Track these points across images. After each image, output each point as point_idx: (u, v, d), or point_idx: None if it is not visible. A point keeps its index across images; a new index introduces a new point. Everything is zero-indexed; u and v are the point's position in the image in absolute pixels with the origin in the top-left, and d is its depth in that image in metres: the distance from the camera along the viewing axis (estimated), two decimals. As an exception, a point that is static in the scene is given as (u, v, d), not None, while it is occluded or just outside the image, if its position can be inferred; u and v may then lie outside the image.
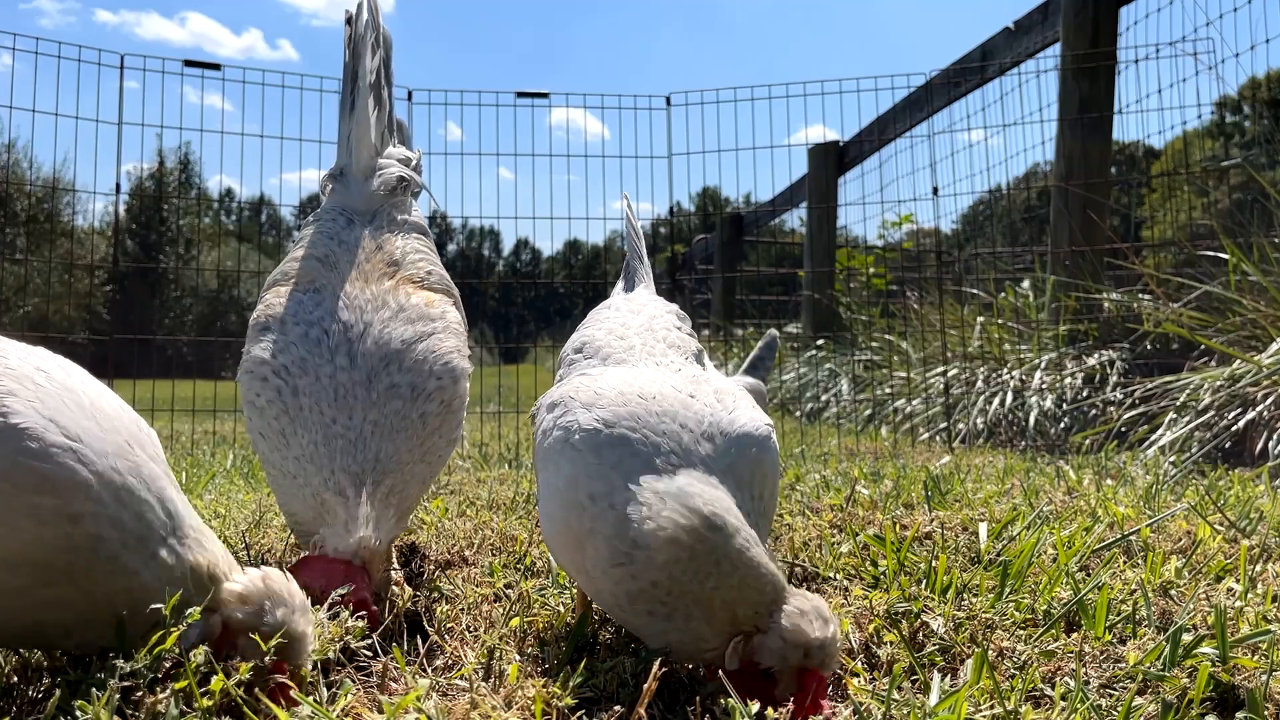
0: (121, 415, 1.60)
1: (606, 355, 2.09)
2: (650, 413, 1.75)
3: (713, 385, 1.89)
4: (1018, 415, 6.42)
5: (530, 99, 7.87)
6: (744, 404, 1.86)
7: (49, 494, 1.40)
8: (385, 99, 2.70)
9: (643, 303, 2.35)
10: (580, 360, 2.14)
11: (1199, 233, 6.90)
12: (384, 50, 2.73)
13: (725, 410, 1.80)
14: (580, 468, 1.71)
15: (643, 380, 1.86)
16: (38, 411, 1.44)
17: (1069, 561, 2.34)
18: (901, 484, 3.89)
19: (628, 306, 2.33)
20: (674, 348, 2.13)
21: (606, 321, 2.26)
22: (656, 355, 2.08)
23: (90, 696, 1.35)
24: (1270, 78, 9.82)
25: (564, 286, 30.29)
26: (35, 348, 1.62)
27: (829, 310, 10.01)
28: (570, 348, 2.23)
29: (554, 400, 1.90)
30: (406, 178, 2.67)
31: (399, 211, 2.62)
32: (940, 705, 1.50)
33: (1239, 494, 3.48)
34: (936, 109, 8.33)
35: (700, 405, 1.79)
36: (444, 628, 2.04)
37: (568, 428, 1.78)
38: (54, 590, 1.43)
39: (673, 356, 2.09)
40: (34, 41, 6.66)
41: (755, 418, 1.83)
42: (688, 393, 1.82)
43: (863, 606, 2.04)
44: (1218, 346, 5.13)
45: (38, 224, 24.18)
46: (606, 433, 1.72)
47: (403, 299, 2.37)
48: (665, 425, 1.73)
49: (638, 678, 1.68)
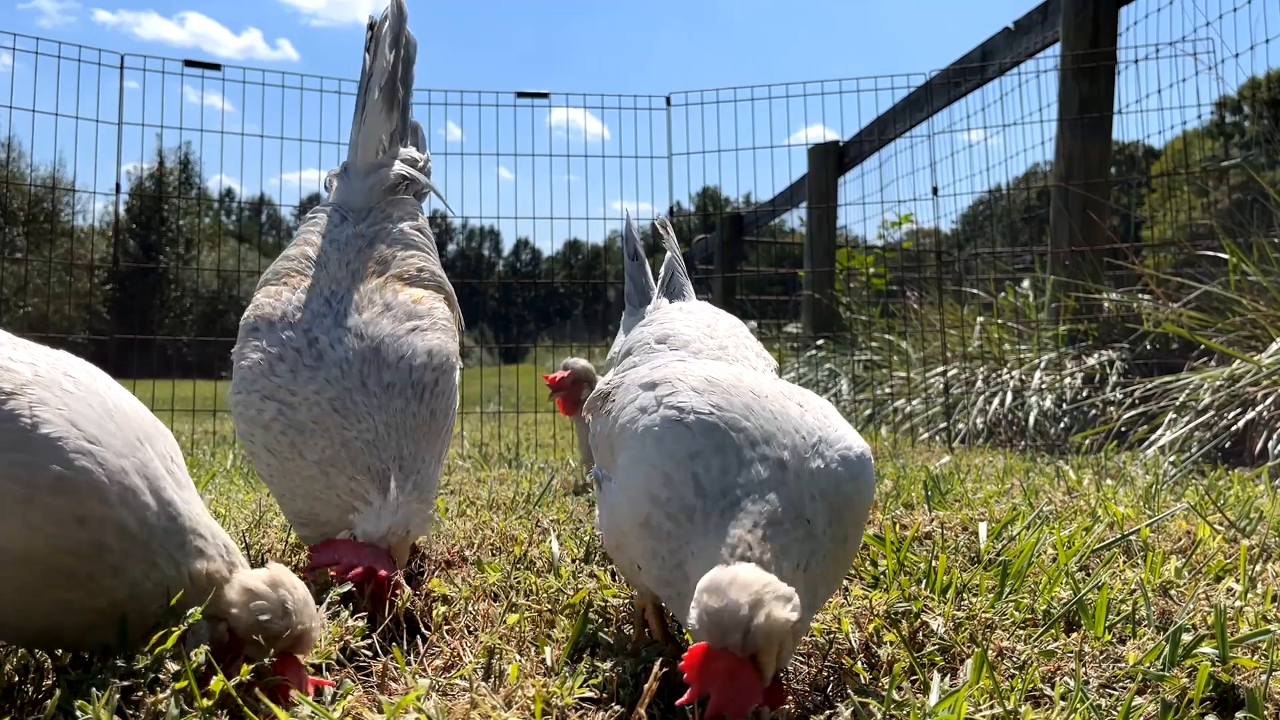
0: (142, 420, 1.63)
1: (699, 350, 1.99)
2: (765, 410, 1.67)
3: (815, 399, 1.80)
4: (1017, 415, 6.41)
5: (530, 99, 7.88)
6: (846, 425, 1.76)
7: (68, 495, 1.42)
8: (400, 100, 2.68)
9: (716, 311, 2.25)
10: (665, 350, 2.03)
11: (1199, 233, 6.90)
12: (405, 52, 2.70)
13: (833, 428, 1.71)
14: (688, 446, 1.63)
15: (752, 378, 1.78)
16: (66, 419, 1.46)
17: (1069, 561, 2.34)
18: (901, 484, 3.89)
19: (704, 310, 2.23)
20: (761, 358, 2.06)
21: (689, 317, 2.16)
22: (750, 360, 1.99)
23: (90, 696, 1.35)
24: (1270, 78, 9.83)
25: (564, 286, 30.28)
26: (58, 351, 1.64)
27: (829, 310, 10.01)
28: (650, 338, 2.10)
29: (652, 380, 1.79)
30: (408, 175, 2.67)
31: (396, 209, 2.61)
32: (940, 705, 1.50)
33: (1239, 494, 3.48)
34: (936, 109, 8.33)
35: (812, 419, 1.70)
36: (444, 628, 2.04)
37: (680, 407, 1.68)
38: (63, 593, 1.45)
39: (762, 365, 2.01)
40: (34, 41, 6.67)
41: (861, 442, 1.72)
42: (796, 401, 1.74)
43: (862, 606, 2.04)
44: (1218, 346, 5.13)
45: (38, 224, 24.16)
46: (729, 416, 1.64)
47: (389, 296, 2.38)
48: (778, 425, 1.65)
49: (638, 678, 1.68)
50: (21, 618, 1.47)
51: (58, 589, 1.44)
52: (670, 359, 1.94)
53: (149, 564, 1.48)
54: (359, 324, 2.30)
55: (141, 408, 1.66)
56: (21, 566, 1.41)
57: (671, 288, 2.46)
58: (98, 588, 1.46)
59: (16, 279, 11.57)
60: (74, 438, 1.45)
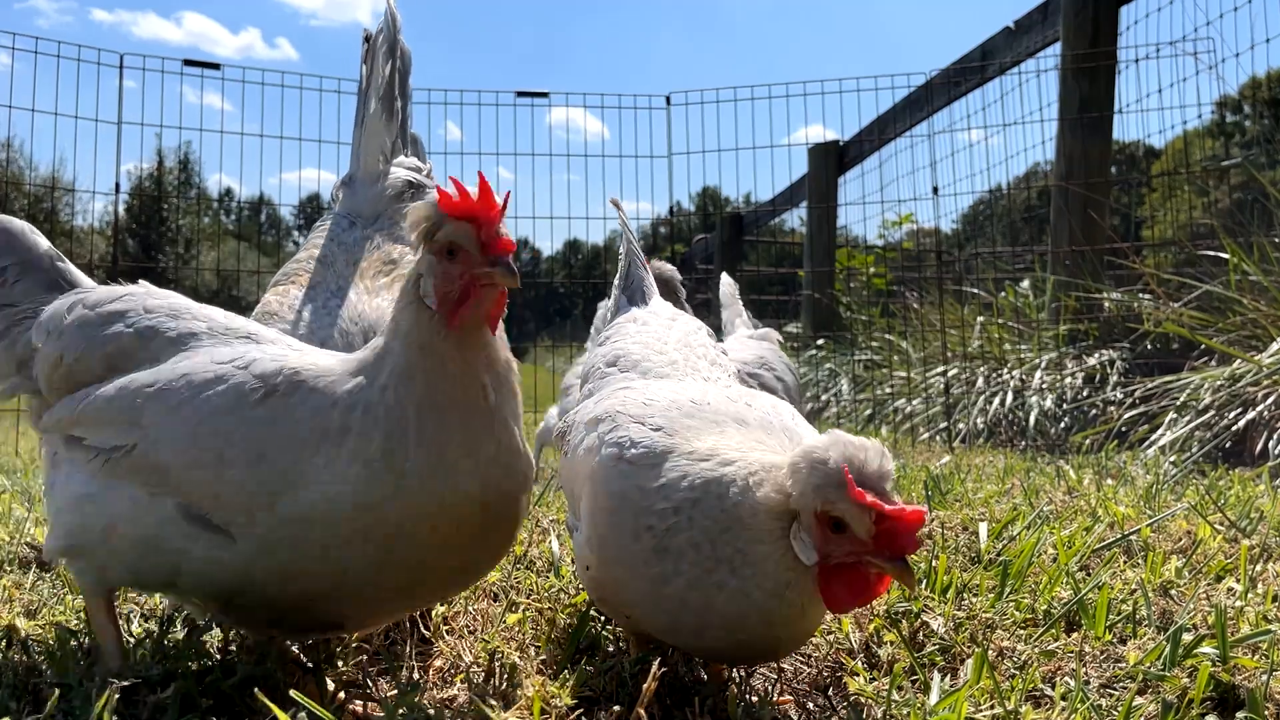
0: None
1: (647, 370, 1.97)
2: (704, 418, 1.67)
3: (768, 399, 1.81)
4: (1018, 415, 6.41)
5: (530, 99, 7.89)
6: (801, 419, 1.77)
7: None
8: (398, 110, 2.74)
9: (672, 316, 2.23)
10: (615, 374, 2.00)
11: (1199, 232, 6.90)
12: (401, 63, 2.76)
13: (788, 418, 1.73)
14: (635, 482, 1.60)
15: (693, 391, 1.77)
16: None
17: (1069, 561, 2.34)
18: (902, 484, 3.89)
19: (658, 320, 2.20)
20: (716, 365, 2.04)
21: (642, 332, 2.12)
22: (702, 372, 1.97)
23: (90, 696, 1.35)
24: (1270, 77, 9.82)
25: (564, 286, 30.28)
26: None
27: (829, 310, 10.01)
28: (601, 360, 2.07)
29: (596, 416, 1.77)
30: (414, 181, 2.73)
31: (403, 217, 2.67)
32: (940, 705, 1.50)
33: (1239, 494, 3.48)
34: (936, 109, 8.33)
35: (759, 412, 1.71)
36: (444, 628, 2.04)
37: (620, 443, 1.65)
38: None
39: (717, 373, 1.99)
40: (33, 41, 6.65)
41: (816, 433, 1.70)
42: (744, 401, 1.74)
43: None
44: (1218, 346, 5.13)
45: (37, 224, 24.15)
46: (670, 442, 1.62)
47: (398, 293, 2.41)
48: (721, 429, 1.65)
49: (637, 678, 1.68)
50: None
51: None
52: (615, 387, 1.90)
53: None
54: (362, 312, 2.33)
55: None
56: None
57: (630, 281, 2.40)
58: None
59: (16, 279, 11.54)
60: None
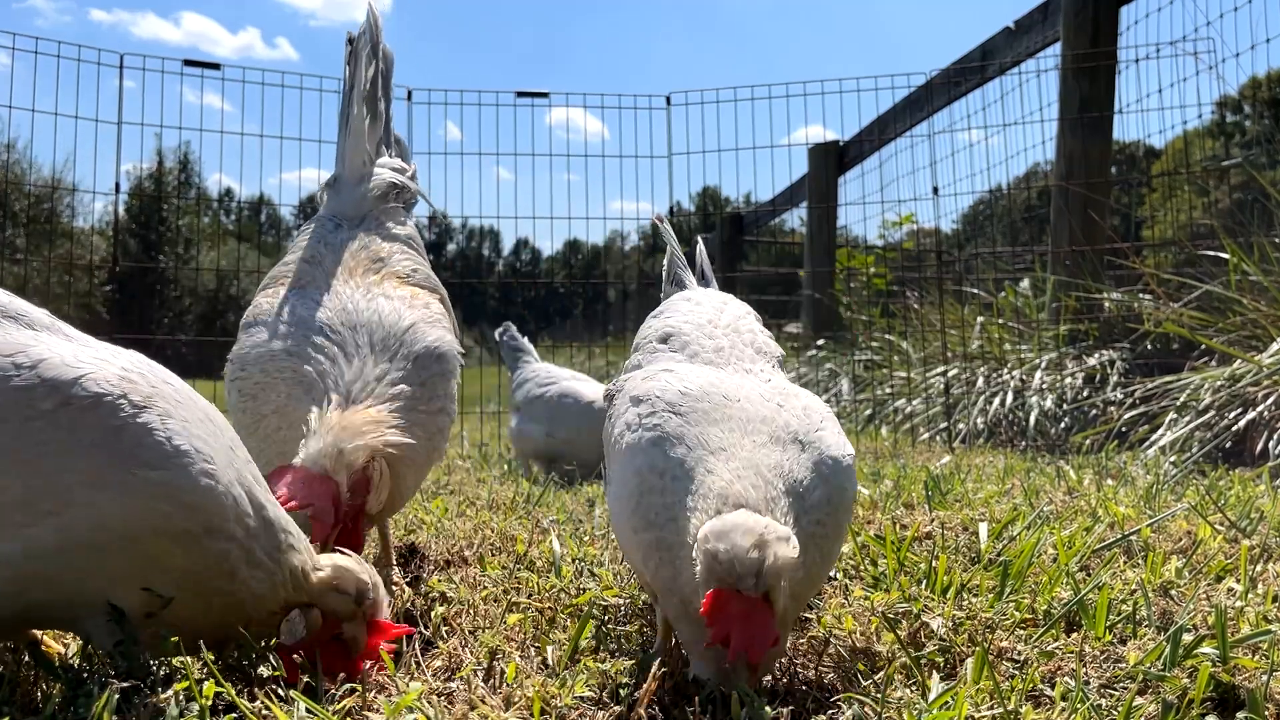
0: (224, 422, 1.69)
1: (695, 353, 2.05)
2: (731, 418, 1.74)
3: (803, 399, 1.89)
4: (1018, 415, 6.41)
5: (530, 99, 7.88)
6: (830, 425, 1.84)
7: (201, 512, 1.50)
8: (382, 111, 2.78)
9: (724, 300, 2.31)
10: (664, 352, 2.10)
11: (1199, 232, 6.89)
12: (383, 65, 2.79)
13: (812, 428, 1.79)
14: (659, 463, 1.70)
15: (730, 385, 1.84)
16: (189, 432, 1.52)
17: (1069, 561, 2.34)
18: (902, 484, 3.89)
19: (710, 303, 2.28)
20: (761, 354, 2.10)
21: (695, 311, 2.21)
22: (745, 361, 2.04)
23: (90, 696, 1.35)
24: (1270, 77, 9.83)
25: (564, 286, 30.26)
26: (129, 351, 1.65)
27: (829, 310, 10.00)
28: (654, 335, 2.18)
29: (638, 395, 1.86)
30: (399, 183, 2.76)
31: (388, 217, 2.71)
32: (938, 704, 1.50)
33: (1239, 494, 3.48)
34: (936, 109, 8.32)
35: (786, 414, 1.79)
36: (443, 628, 2.04)
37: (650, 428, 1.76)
38: (194, 600, 1.53)
39: (761, 364, 2.06)
40: (33, 41, 6.66)
41: (842, 442, 1.82)
42: (776, 402, 1.82)
43: (863, 606, 2.04)
44: (1218, 346, 5.13)
45: (37, 224, 24.17)
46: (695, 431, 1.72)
47: (388, 289, 2.46)
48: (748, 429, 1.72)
49: (637, 678, 1.68)
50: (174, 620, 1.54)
51: (189, 595, 1.51)
52: (661, 367, 2.00)
53: (255, 565, 1.56)
54: (356, 309, 2.35)
55: (212, 407, 1.70)
56: (163, 575, 1.49)
57: (673, 281, 2.54)
58: (221, 589, 1.54)
59: (16, 280, 11.55)
60: (196, 452, 1.50)
